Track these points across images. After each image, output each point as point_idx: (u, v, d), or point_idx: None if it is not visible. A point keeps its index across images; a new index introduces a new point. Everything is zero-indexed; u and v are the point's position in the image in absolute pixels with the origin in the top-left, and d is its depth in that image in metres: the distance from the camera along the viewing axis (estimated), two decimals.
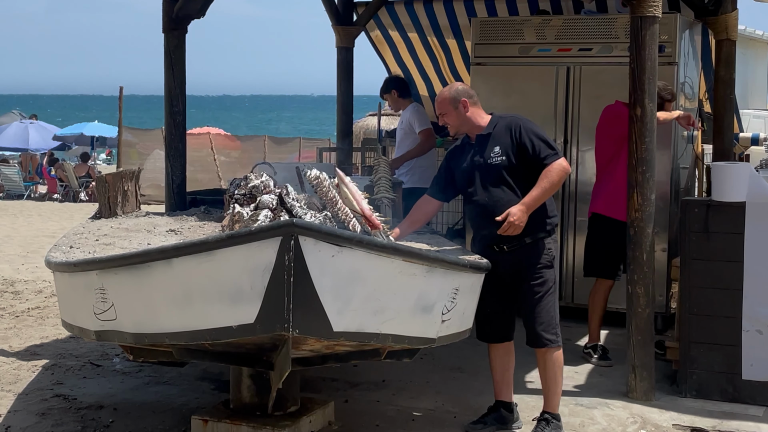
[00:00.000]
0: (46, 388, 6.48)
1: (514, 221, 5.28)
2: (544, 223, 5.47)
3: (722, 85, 8.49)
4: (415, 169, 8.75)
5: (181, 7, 7.65)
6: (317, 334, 4.23)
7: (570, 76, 8.26)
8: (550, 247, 5.51)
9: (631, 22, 6.25)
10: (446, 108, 5.58)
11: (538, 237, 5.45)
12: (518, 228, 5.31)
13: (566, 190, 8.32)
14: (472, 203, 5.58)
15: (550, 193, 5.40)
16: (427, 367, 6.90)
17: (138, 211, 7.01)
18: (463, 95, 5.56)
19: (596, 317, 7.27)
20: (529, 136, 5.40)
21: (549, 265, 5.50)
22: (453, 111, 5.55)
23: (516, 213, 5.29)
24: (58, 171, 23.89)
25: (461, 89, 5.62)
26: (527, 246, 5.44)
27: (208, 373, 6.71)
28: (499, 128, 5.50)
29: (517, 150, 5.41)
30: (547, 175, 5.34)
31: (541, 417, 5.63)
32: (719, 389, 6.23)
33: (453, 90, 5.60)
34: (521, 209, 5.30)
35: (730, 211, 6.17)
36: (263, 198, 5.28)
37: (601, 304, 7.26)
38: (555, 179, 5.35)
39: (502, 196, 5.43)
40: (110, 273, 4.66)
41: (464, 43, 10.23)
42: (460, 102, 5.53)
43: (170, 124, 7.95)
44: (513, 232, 5.32)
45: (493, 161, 5.45)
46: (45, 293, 9.86)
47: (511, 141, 5.43)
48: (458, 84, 5.75)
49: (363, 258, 4.28)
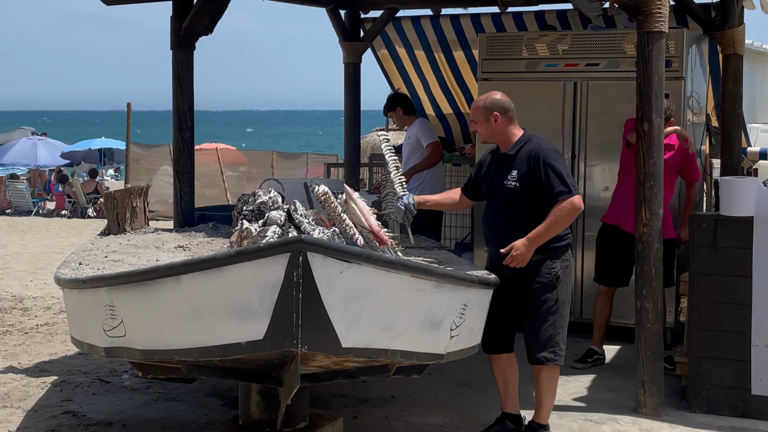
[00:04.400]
0: (55, 405, 6.48)
1: (517, 255, 5.34)
2: (548, 244, 5.44)
3: (730, 99, 8.49)
4: (423, 184, 8.75)
5: (189, 24, 7.69)
6: (326, 350, 4.23)
7: (577, 91, 8.27)
8: (555, 267, 5.49)
9: (638, 37, 6.26)
10: (478, 116, 5.59)
11: (543, 257, 5.46)
12: (521, 263, 5.36)
13: None
14: (485, 218, 5.68)
15: (555, 230, 5.37)
16: (436, 383, 6.89)
17: (146, 227, 7.03)
18: (496, 108, 5.53)
19: (595, 323, 7.58)
20: (546, 169, 5.36)
21: (550, 285, 5.48)
22: (483, 121, 5.56)
23: (520, 248, 5.33)
24: (66, 187, 23.95)
25: (497, 101, 5.56)
26: (530, 265, 5.44)
27: (216, 390, 6.71)
28: (523, 153, 5.47)
29: (531, 179, 5.41)
30: (555, 213, 5.33)
31: (528, 426, 5.69)
32: (729, 404, 6.21)
33: (489, 100, 5.57)
34: (525, 244, 5.34)
35: (739, 225, 6.16)
36: (271, 214, 5.29)
37: (597, 310, 7.53)
38: (563, 217, 5.34)
39: (510, 219, 5.46)
40: (119, 289, 4.66)
41: (473, 53, 10.22)
42: (492, 114, 5.52)
43: (178, 140, 7.98)
44: (516, 265, 5.37)
45: (508, 184, 5.48)
46: (53, 310, 9.87)
47: (528, 169, 5.42)
48: (497, 94, 5.64)
49: (371, 274, 4.29)
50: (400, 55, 10.93)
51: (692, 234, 6.32)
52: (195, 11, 7.65)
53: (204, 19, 7.67)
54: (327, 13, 9.88)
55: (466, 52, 10.46)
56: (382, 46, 10.88)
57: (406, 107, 9.03)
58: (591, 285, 7.98)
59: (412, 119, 9.00)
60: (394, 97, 9.23)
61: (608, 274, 7.50)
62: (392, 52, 10.94)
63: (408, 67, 11.00)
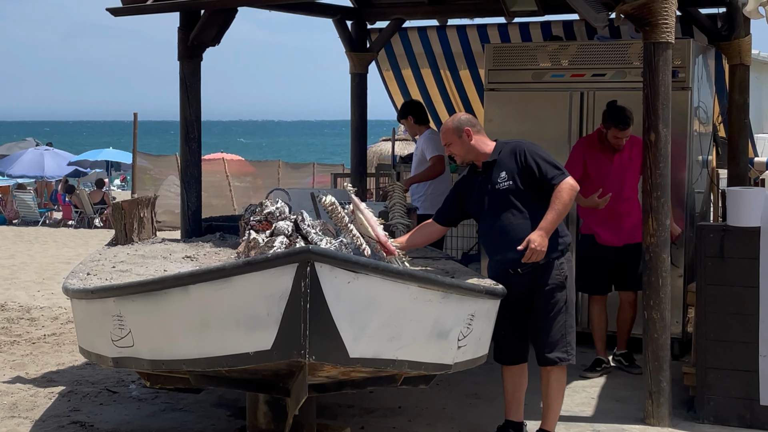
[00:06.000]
0: (62, 415, 6.49)
1: (536, 247, 5.35)
2: (557, 243, 5.53)
3: (736, 109, 8.50)
4: (427, 196, 8.76)
5: (196, 35, 7.71)
6: (334, 360, 4.24)
7: (584, 101, 8.27)
8: (563, 266, 5.58)
9: (644, 48, 6.27)
10: (450, 138, 5.67)
11: (551, 258, 5.51)
12: (541, 254, 5.38)
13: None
14: (484, 229, 5.70)
15: (564, 213, 5.47)
16: (443, 394, 6.88)
17: (154, 237, 7.04)
18: (466, 124, 5.65)
19: (595, 333, 7.62)
20: (535, 159, 5.48)
21: (561, 285, 5.56)
22: (457, 140, 5.64)
23: (536, 239, 5.36)
24: (73, 197, 24.01)
25: (464, 119, 5.71)
26: (540, 267, 5.50)
27: (224, 400, 6.71)
28: (504, 154, 5.58)
29: (523, 174, 5.49)
30: (558, 197, 5.41)
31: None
32: (737, 415, 6.20)
33: (456, 120, 5.70)
34: (540, 234, 5.37)
35: (746, 236, 6.16)
36: (279, 224, 5.30)
37: (594, 320, 7.59)
38: (566, 199, 5.43)
39: (511, 221, 5.50)
40: (127, 300, 4.68)
41: (477, 71, 10.25)
42: (464, 131, 5.63)
43: (186, 150, 7.99)
44: (536, 259, 5.39)
45: (500, 186, 5.53)
46: (61, 320, 9.88)
47: (516, 165, 5.51)
48: (461, 114, 5.85)
49: (379, 284, 4.30)
50: (404, 75, 10.91)
51: (699, 244, 6.32)
52: (202, 22, 7.68)
53: (211, 30, 7.70)
54: (333, 23, 9.89)
55: (471, 71, 10.46)
56: (387, 65, 10.86)
57: (417, 116, 9.04)
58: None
59: (422, 129, 9.02)
60: (407, 105, 9.24)
61: (591, 283, 7.56)
62: (396, 73, 10.92)
63: (411, 86, 10.97)
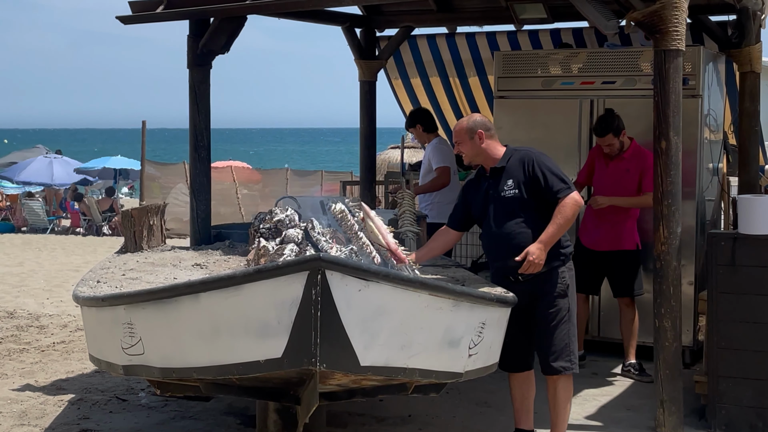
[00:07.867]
0: (72, 423, 6.48)
1: (534, 260, 5.35)
2: (558, 253, 5.52)
3: (747, 117, 8.47)
4: (434, 204, 8.75)
5: (205, 43, 7.72)
6: (344, 368, 4.23)
7: (594, 109, 8.25)
8: (564, 275, 5.56)
9: (654, 55, 6.25)
10: (462, 137, 5.65)
11: (553, 266, 5.50)
12: (538, 266, 5.37)
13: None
14: (486, 235, 5.67)
15: (565, 228, 5.45)
16: (453, 402, 6.86)
17: (163, 245, 7.04)
18: (480, 126, 5.63)
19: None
20: (542, 170, 5.46)
21: (563, 294, 5.55)
22: (468, 141, 5.62)
23: (534, 252, 5.35)
24: (82, 205, 24.04)
25: (479, 120, 5.69)
26: (542, 275, 5.48)
27: (233, 408, 6.70)
28: (513, 161, 5.56)
29: (529, 183, 5.48)
30: (561, 211, 5.39)
31: None
32: (749, 424, 6.16)
33: (471, 120, 5.68)
34: (539, 247, 5.36)
35: (757, 244, 6.13)
36: (289, 232, 5.29)
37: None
38: (569, 214, 5.41)
39: (514, 229, 5.49)
40: (138, 307, 4.67)
41: (487, 78, 10.24)
42: (476, 133, 5.61)
43: (195, 158, 7.98)
44: (533, 271, 5.39)
45: (506, 194, 5.52)
46: (70, 327, 9.88)
47: (524, 174, 5.49)
48: (476, 115, 5.82)
49: (390, 292, 4.28)
50: (413, 83, 10.91)
51: (710, 252, 6.29)
52: (212, 30, 7.68)
53: (221, 38, 7.70)
54: (343, 31, 9.89)
55: (481, 78, 10.45)
56: (396, 73, 10.86)
57: (426, 125, 9.03)
58: (610, 303, 7.96)
59: (431, 137, 9.00)
60: (416, 113, 9.23)
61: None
62: (405, 81, 10.92)
63: (420, 94, 10.96)
